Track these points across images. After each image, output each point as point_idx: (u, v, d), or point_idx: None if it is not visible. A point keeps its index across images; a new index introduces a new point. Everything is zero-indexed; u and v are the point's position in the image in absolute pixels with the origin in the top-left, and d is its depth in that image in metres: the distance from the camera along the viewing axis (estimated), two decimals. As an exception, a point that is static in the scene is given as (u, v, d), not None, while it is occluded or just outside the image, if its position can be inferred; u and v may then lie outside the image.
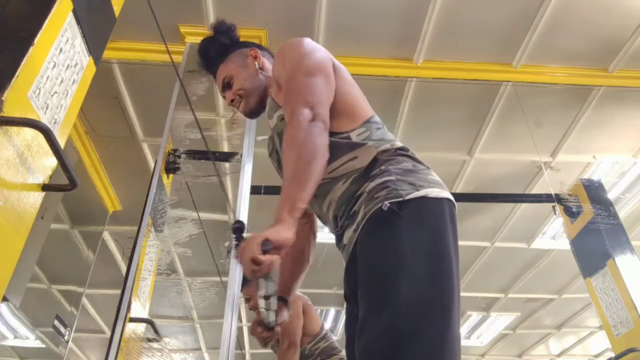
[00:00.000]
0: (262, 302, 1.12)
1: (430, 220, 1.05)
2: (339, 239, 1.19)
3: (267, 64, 1.46)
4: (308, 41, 1.28)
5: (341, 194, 1.15)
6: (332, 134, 1.18)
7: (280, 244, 0.98)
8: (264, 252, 0.96)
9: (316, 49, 1.26)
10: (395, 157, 1.15)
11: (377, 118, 1.26)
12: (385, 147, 1.16)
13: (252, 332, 1.29)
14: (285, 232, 0.99)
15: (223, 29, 1.49)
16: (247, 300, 2.77)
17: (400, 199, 1.03)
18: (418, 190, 1.06)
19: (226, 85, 1.44)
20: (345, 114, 1.21)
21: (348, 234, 1.13)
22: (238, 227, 1.07)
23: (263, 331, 1.25)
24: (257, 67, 1.43)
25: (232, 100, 1.43)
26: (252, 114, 1.44)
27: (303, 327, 2.65)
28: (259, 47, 1.51)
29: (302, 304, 2.70)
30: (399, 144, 1.20)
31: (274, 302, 1.14)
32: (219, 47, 1.47)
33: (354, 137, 1.18)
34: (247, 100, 1.42)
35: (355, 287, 1.05)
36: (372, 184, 1.09)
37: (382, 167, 1.12)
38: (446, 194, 1.10)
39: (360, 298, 1.02)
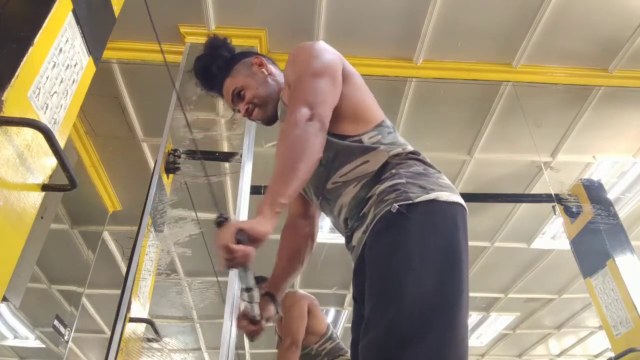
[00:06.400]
0: (244, 295, 1.13)
1: (440, 223, 1.04)
2: (348, 240, 1.19)
3: (274, 69, 1.45)
4: (320, 44, 1.28)
5: (352, 197, 1.15)
6: (343, 137, 1.18)
7: (255, 236, 0.94)
8: (239, 242, 0.93)
9: (326, 51, 1.26)
10: (407, 160, 1.15)
11: (388, 122, 1.26)
12: (397, 151, 1.16)
13: (238, 325, 1.29)
14: (263, 226, 0.96)
15: (219, 42, 1.47)
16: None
17: (410, 201, 1.03)
18: (428, 193, 1.05)
19: (237, 97, 1.41)
20: (356, 117, 1.21)
21: (357, 236, 1.13)
22: (221, 221, 0.99)
23: (249, 324, 1.27)
24: (266, 73, 1.42)
25: (246, 110, 1.40)
26: (270, 120, 1.42)
27: (309, 326, 2.64)
28: (259, 54, 1.49)
29: (308, 304, 2.68)
30: (410, 147, 1.20)
31: (256, 295, 1.14)
32: (222, 61, 1.43)
33: (366, 140, 1.18)
34: (264, 108, 1.40)
35: (364, 287, 1.05)
36: (382, 187, 1.09)
37: (393, 171, 1.12)
38: (457, 197, 1.09)
39: (366, 298, 1.02)
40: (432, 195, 1.05)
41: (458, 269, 0.99)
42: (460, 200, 1.10)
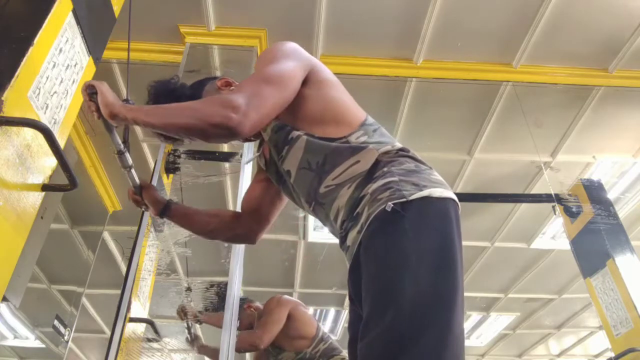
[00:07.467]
0: (117, 159, 1.32)
1: (434, 220, 1.04)
2: (343, 240, 1.18)
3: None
4: (288, 47, 1.23)
5: (347, 199, 1.14)
6: (331, 139, 1.17)
7: (99, 95, 1.12)
8: (89, 96, 1.13)
9: (290, 56, 1.20)
10: (397, 158, 1.14)
11: (371, 119, 1.24)
12: (386, 148, 1.16)
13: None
14: (114, 99, 1.13)
15: (170, 85, 1.37)
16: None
17: (404, 199, 1.03)
18: (421, 190, 1.05)
19: None
20: (337, 119, 1.20)
21: (352, 236, 1.12)
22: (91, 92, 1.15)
23: (132, 192, 1.45)
24: None
25: None
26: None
27: (297, 331, 2.65)
28: (215, 77, 1.40)
29: (290, 309, 2.68)
30: (399, 144, 1.19)
31: (125, 161, 1.31)
32: (186, 100, 1.31)
33: (353, 140, 1.17)
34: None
35: (359, 287, 1.05)
36: (375, 186, 1.09)
37: (385, 169, 1.11)
38: (449, 193, 1.09)
39: (364, 299, 1.02)
40: (425, 192, 1.05)
41: (453, 266, 1.00)
42: (453, 196, 1.09)
